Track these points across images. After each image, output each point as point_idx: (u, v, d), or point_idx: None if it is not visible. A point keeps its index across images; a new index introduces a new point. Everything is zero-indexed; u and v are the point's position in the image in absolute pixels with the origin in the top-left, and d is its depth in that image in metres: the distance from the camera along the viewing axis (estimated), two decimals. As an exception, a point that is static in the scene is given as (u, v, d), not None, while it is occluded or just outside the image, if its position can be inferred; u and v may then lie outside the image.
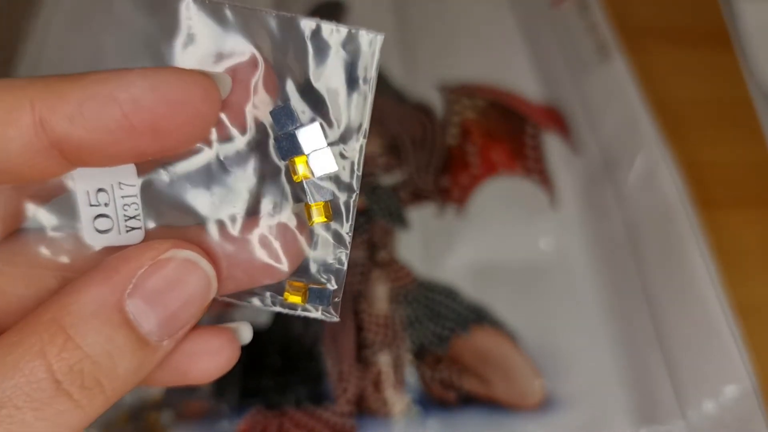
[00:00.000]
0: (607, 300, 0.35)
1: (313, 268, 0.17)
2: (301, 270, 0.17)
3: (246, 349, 0.33)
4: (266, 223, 0.16)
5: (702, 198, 0.34)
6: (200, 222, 0.16)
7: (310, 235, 0.17)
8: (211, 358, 0.16)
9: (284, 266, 0.17)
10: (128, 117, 0.14)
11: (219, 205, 0.16)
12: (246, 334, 0.17)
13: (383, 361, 0.33)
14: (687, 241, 0.33)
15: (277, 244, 0.16)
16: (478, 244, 0.36)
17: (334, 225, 0.16)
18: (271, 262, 0.16)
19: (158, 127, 0.14)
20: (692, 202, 0.34)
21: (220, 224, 0.16)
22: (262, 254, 0.16)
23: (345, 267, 0.17)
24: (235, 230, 0.16)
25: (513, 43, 0.44)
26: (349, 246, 0.17)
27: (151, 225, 0.16)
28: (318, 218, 0.16)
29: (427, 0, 0.46)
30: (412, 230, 0.37)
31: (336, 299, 0.17)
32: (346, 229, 0.16)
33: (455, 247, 0.36)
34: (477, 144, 0.40)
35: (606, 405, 0.32)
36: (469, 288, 0.35)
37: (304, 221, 0.16)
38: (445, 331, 0.34)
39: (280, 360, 0.33)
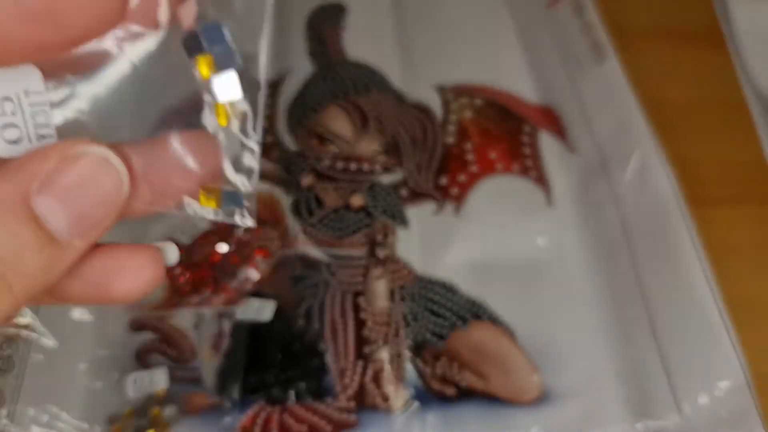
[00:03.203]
0: (602, 296, 0.35)
1: (226, 170, 0.16)
2: (215, 174, 0.16)
3: (248, 345, 0.33)
4: (179, 123, 0.15)
5: (695, 196, 0.34)
6: (113, 126, 0.15)
7: (224, 135, 0.16)
8: (135, 274, 0.15)
9: (197, 167, 0.16)
10: None
11: (132, 108, 0.15)
12: (172, 255, 0.16)
13: (383, 357, 0.33)
14: (681, 238, 0.33)
15: (189, 145, 0.16)
16: (476, 241, 0.37)
17: (244, 124, 0.15)
18: (185, 162, 0.16)
19: (55, 7, 0.12)
20: (686, 200, 0.34)
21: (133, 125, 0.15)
22: (175, 154, 0.15)
23: (257, 168, 0.16)
24: (148, 131, 0.15)
25: (509, 43, 0.44)
26: (259, 145, 0.16)
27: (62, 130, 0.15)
28: (225, 118, 0.15)
29: (425, 1, 0.46)
30: (411, 228, 0.37)
31: (248, 204, 0.16)
32: (255, 127, 0.15)
33: (453, 244, 0.37)
34: (474, 143, 0.40)
35: (602, 399, 0.32)
36: (467, 285, 0.35)
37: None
38: (443, 327, 0.34)
39: (281, 356, 0.33)
